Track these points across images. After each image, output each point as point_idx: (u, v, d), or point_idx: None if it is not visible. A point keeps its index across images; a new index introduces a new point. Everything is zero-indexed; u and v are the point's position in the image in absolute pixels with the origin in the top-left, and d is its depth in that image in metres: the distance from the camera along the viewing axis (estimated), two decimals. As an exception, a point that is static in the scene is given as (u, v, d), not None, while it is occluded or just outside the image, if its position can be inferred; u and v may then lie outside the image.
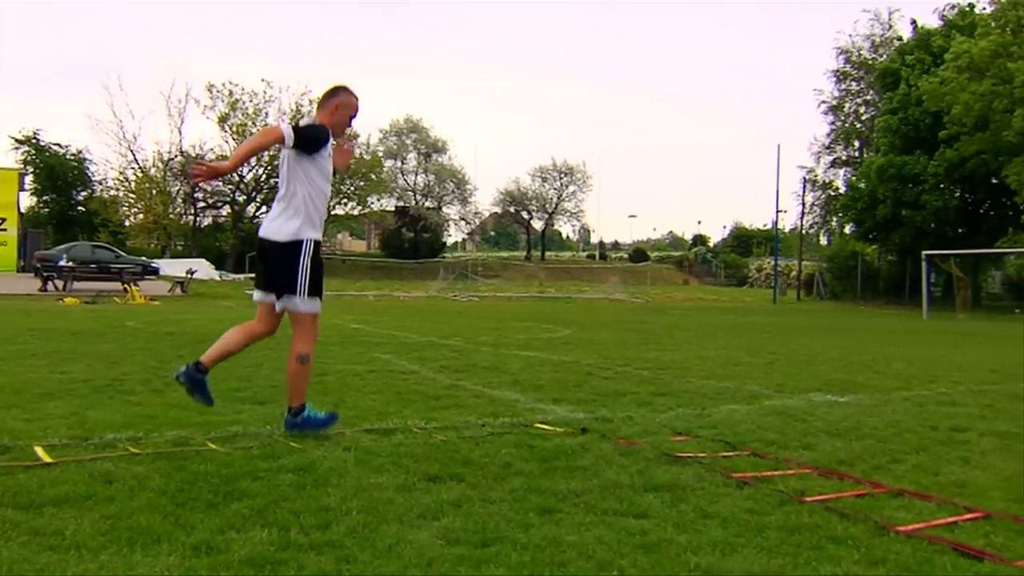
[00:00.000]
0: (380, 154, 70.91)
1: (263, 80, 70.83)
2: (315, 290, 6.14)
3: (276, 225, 6.10)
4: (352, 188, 63.55)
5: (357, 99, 6.38)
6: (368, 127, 70.35)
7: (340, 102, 6.29)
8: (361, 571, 3.45)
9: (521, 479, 4.98)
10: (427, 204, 75.42)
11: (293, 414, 6.24)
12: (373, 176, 65.22)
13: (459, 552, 3.68)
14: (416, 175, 76.90)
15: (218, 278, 48.22)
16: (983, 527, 4.33)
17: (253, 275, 7.51)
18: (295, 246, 6.03)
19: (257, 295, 6.38)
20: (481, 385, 9.21)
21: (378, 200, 69.53)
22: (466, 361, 11.70)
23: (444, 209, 77.20)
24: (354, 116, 6.41)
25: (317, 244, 6.16)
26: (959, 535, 4.17)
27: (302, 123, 6.16)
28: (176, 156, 59.91)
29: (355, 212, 68.46)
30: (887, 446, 6.36)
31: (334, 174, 6.46)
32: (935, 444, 6.52)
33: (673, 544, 3.87)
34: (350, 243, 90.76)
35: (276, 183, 6.70)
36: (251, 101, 59.44)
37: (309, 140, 6.04)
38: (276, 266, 6.10)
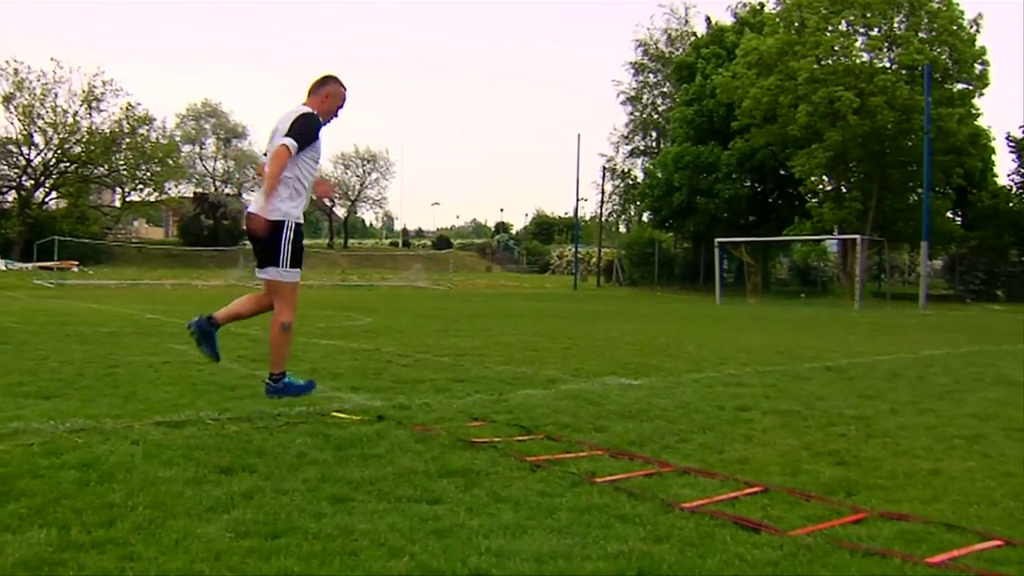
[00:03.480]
0: (177, 139, 68.81)
1: (52, 59, 67.68)
2: (296, 262, 6.40)
3: (262, 202, 6.32)
4: (148, 174, 61.44)
5: (346, 89, 6.67)
6: (164, 111, 68.27)
7: (330, 91, 6.56)
8: (145, 568, 3.35)
9: (315, 468, 4.94)
10: (227, 191, 73.59)
11: (274, 380, 6.46)
12: (170, 161, 63.13)
13: (249, 544, 3.62)
14: (215, 161, 75.05)
15: (3, 267, 45.88)
16: (762, 501, 4.54)
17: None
18: (280, 223, 6.29)
19: (258, 273, 6.59)
20: (279, 375, 9.06)
21: (175, 186, 67.50)
22: (264, 350, 11.37)
23: (245, 196, 75.41)
24: (341, 106, 6.68)
25: (299, 223, 6.43)
26: (739, 509, 4.36)
27: (295, 120, 6.33)
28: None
29: (151, 199, 66.19)
30: (676, 426, 6.59)
31: (313, 204, 6.90)
32: (721, 423, 6.79)
33: (465, 528, 3.91)
34: (147, 230, 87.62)
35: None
36: (39, 81, 56.64)
37: (308, 137, 6.35)
38: (262, 240, 6.36)
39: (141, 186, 62.76)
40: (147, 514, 4.00)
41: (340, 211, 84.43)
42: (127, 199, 66.77)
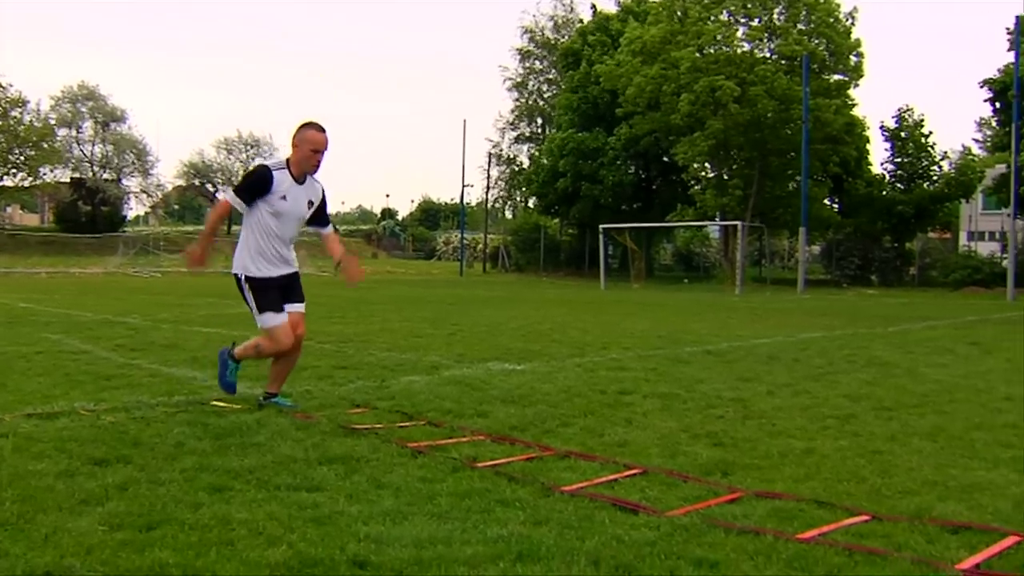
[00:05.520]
0: (52, 122, 66.66)
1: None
2: (264, 307, 6.49)
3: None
4: (21, 158, 59.47)
5: (318, 131, 6.51)
6: (38, 93, 66.09)
7: (300, 138, 6.46)
8: (12, 565, 3.25)
9: (193, 458, 4.86)
10: (105, 176, 71.45)
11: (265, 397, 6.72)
12: (45, 145, 61.08)
13: (122, 537, 3.55)
14: (93, 145, 72.79)
15: None
16: (640, 482, 4.61)
17: None
18: (236, 277, 6.55)
19: None
20: (158, 363, 8.91)
21: (51, 171, 65.40)
22: (143, 339, 11.28)
23: (124, 181, 73.41)
24: (318, 150, 6.50)
25: (248, 278, 6.50)
26: (619, 491, 4.42)
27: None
28: None
29: (26, 184, 64.05)
30: (558, 411, 6.65)
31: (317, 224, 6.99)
32: (602, 407, 6.87)
33: (344, 515, 3.89)
34: (21, 216, 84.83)
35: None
36: None
37: (245, 190, 6.47)
38: None
39: (14, 171, 60.63)
40: (16, 509, 3.88)
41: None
42: (-1, 184, 64.57)
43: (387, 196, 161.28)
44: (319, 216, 6.85)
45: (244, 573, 3.22)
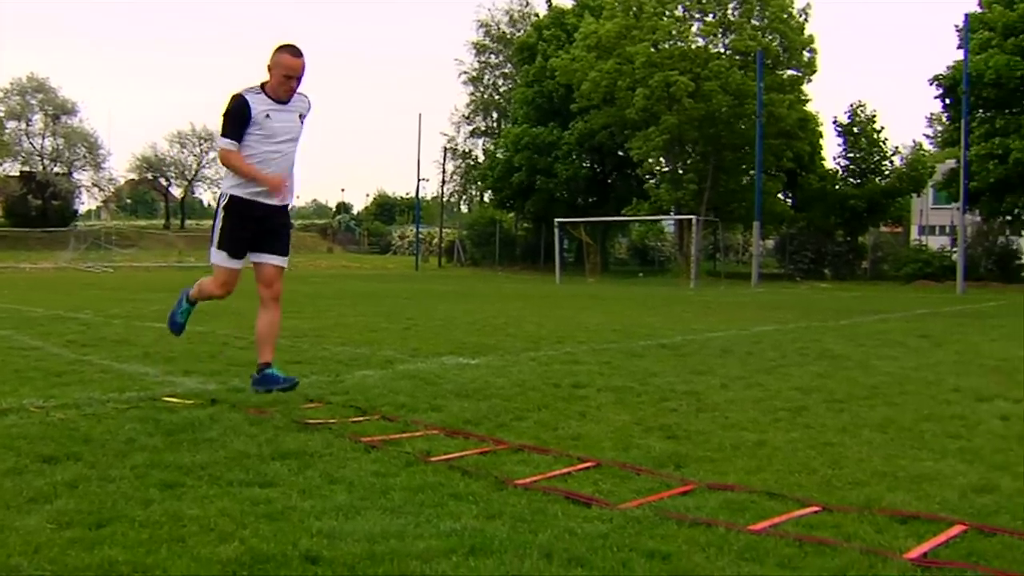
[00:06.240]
0: (0, 115, 65.79)
1: None
2: (222, 244, 6.39)
3: None
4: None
5: (292, 55, 6.22)
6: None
7: (273, 62, 6.26)
8: (-42, 562, 3.21)
9: (144, 455, 4.81)
10: (56, 169, 70.59)
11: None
12: (-7, 138, 60.43)
13: (71, 535, 3.50)
14: (43, 138, 71.87)
15: None
16: (594, 475, 4.63)
17: None
18: (218, 199, 6.45)
19: None
20: (109, 359, 8.81)
21: (0, 165, 64.59)
22: (95, 335, 11.16)
23: (75, 175, 72.59)
24: (291, 76, 6.22)
25: (229, 200, 6.30)
26: (572, 484, 4.43)
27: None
28: None
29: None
30: (512, 404, 6.64)
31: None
32: (557, 401, 6.87)
33: (297, 511, 3.87)
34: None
35: None
36: None
37: (229, 127, 6.19)
38: None
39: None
40: (-41, 509, 3.83)
41: (176, 191, 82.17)
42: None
43: (342, 190, 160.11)
44: None
45: (195, 570, 3.20)
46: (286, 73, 6.22)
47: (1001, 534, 3.70)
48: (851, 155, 46.36)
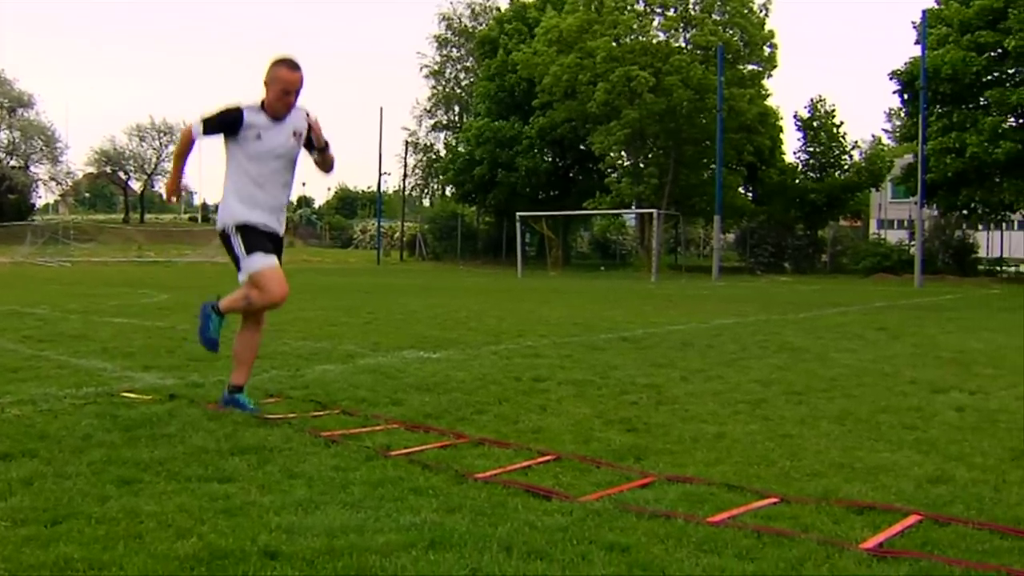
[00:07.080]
0: (-45, 108, 64.97)
1: None
2: (251, 248, 6.04)
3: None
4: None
5: (290, 70, 5.97)
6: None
7: (270, 77, 5.98)
8: (-92, 562, 3.17)
9: (102, 450, 4.76)
10: (12, 163, 69.75)
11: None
12: (-53, 132, 59.57)
13: (26, 532, 3.46)
14: (-1, 132, 71.03)
15: None
16: (554, 468, 4.64)
17: None
18: (222, 235, 6.12)
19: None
20: (67, 355, 8.72)
21: (-46, 159, 63.79)
22: (52, 330, 11.04)
23: (32, 169, 71.72)
24: (289, 91, 5.97)
25: (238, 226, 6.03)
26: (532, 478, 4.44)
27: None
28: None
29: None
30: (473, 398, 6.65)
31: (314, 149, 6.36)
32: (517, 394, 6.88)
33: (256, 506, 3.85)
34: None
35: None
36: None
37: (209, 121, 5.97)
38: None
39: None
40: (-86, 506, 3.77)
41: (136, 185, 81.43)
42: None
43: (303, 184, 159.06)
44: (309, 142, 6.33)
45: (152, 567, 3.17)
46: (284, 88, 5.98)
47: (955, 524, 3.75)
48: (811, 149, 46.71)
